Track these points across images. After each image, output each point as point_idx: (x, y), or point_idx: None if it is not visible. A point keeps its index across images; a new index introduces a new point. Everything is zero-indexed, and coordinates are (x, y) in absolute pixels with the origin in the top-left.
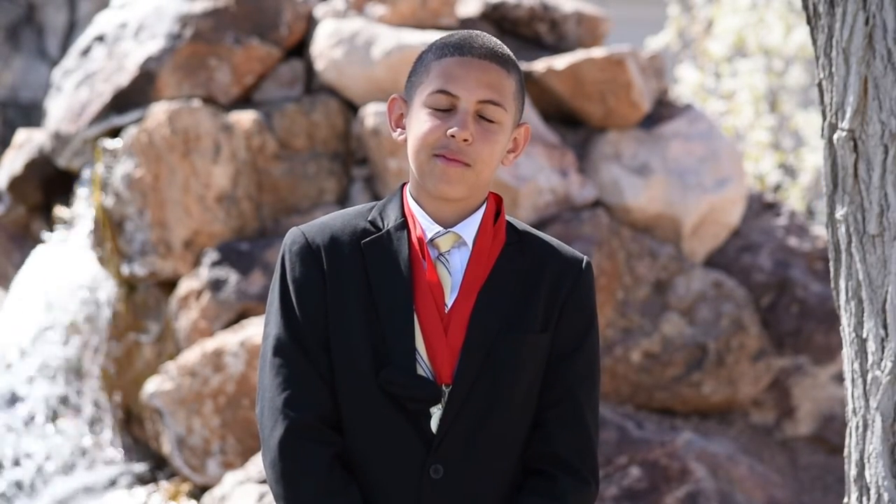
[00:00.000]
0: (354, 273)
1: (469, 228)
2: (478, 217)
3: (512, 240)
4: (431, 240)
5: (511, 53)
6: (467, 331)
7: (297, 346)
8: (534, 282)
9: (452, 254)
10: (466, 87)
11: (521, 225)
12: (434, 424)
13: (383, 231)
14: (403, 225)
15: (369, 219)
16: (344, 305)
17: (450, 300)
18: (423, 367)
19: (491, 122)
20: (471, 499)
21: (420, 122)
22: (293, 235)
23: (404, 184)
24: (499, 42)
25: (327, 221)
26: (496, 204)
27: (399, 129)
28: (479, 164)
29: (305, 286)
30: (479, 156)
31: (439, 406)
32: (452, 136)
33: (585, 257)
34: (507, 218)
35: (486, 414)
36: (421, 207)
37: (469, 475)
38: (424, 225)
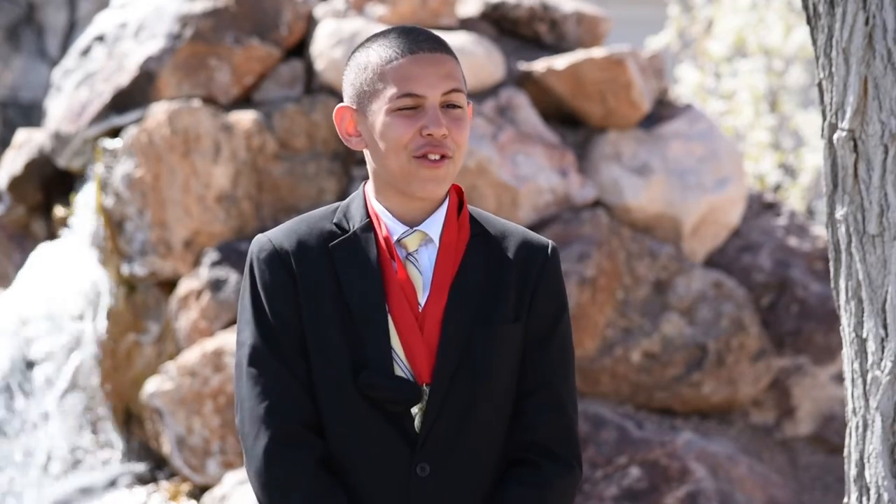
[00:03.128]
0: (324, 276)
1: (434, 225)
2: (442, 212)
3: (476, 231)
4: (399, 240)
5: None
6: (442, 328)
7: (274, 353)
8: (502, 272)
9: (420, 252)
10: (430, 84)
11: (482, 214)
12: (416, 424)
13: (350, 233)
14: (369, 226)
15: (334, 221)
16: (317, 310)
17: (422, 299)
18: (402, 368)
19: (457, 107)
20: (459, 493)
21: (389, 128)
22: (260, 242)
23: (365, 182)
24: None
25: (292, 226)
26: (458, 195)
27: (354, 138)
28: (457, 153)
29: (277, 292)
30: (457, 144)
31: (420, 405)
32: (430, 134)
33: (550, 242)
34: (468, 208)
35: (467, 409)
36: (385, 206)
37: (455, 470)
38: (390, 225)
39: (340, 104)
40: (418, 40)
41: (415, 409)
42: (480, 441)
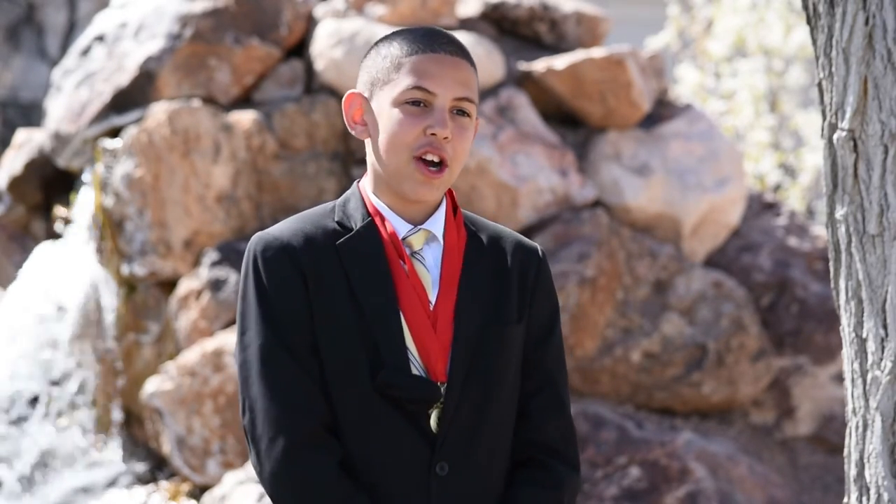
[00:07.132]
0: (334, 275)
1: (437, 224)
2: (443, 211)
3: (471, 232)
4: (404, 238)
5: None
6: (454, 326)
7: (286, 352)
8: (504, 273)
9: (425, 250)
10: (443, 84)
11: (472, 217)
12: (433, 422)
13: (354, 231)
14: (372, 224)
15: (336, 219)
16: (329, 308)
17: (432, 297)
18: (417, 366)
19: (465, 116)
20: (477, 491)
21: (394, 122)
22: (264, 241)
23: (359, 179)
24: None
25: (295, 225)
26: (451, 197)
27: (359, 127)
28: (455, 163)
29: (288, 291)
30: (456, 153)
31: (437, 404)
32: (433, 134)
33: (538, 245)
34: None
35: (482, 407)
36: (385, 203)
37: (473, 469)
38: (394, 223)
39: (352, 90)
40: (442, 42)
41: (430, 408)
42: (494, 439)
